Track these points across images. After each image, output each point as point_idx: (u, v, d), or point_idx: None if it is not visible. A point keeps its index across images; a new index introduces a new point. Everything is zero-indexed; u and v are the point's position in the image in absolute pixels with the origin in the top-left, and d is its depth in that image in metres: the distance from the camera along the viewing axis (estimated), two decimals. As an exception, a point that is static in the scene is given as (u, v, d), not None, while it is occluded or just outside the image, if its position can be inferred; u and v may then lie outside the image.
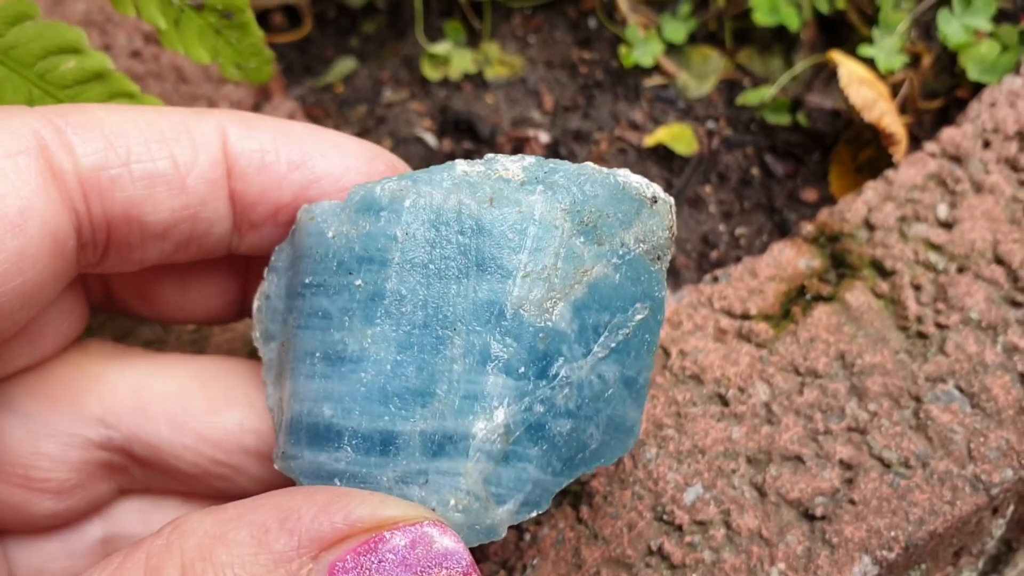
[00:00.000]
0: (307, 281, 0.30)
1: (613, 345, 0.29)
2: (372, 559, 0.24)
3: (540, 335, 0.28)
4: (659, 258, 0.31)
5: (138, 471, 0.33)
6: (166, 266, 0.34)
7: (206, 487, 0.34)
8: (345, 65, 0.66)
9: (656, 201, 0.30)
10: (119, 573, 0.24)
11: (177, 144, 0.30)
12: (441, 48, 0.63)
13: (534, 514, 0.29)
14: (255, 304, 0.33)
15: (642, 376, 0.31)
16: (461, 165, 0.29)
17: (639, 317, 0.30)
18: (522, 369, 0.28)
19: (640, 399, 0.31)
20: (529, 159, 0.29)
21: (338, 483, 0.28)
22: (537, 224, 0.28)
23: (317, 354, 0.29)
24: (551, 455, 0.29)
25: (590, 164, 0.29)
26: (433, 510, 0.27)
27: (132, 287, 0.35)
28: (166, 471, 0.33)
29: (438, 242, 0.28)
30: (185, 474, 0.33)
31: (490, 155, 0.29)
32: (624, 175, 0.30)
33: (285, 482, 0.32)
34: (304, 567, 0.24)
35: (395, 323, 0.28)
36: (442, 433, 0.27)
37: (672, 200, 0.31)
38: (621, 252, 0.29)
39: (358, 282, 0.29)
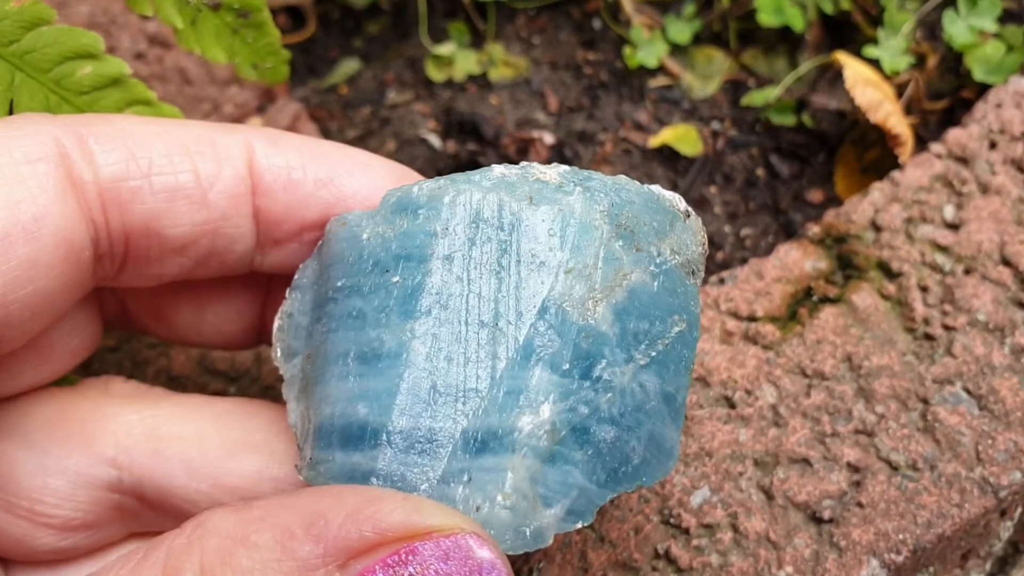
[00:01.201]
0: (339, 284, 0.29)
1: (653, 354, 0.29)
2: (402, 571, 0.23)
3: (583, 334, 0.27)
4: (693, 273, 0.30)
5: (149, 515, 0.32)
6: (183, 285, 0.34)
7: None
8: (349, 66, 0.66)
9: (689, 216, 0.30)
10: (138, 571, 0.23)
11: (201, 158, 0.30)
12: (445, 49, 0.63)
13: (579, 525, 0.28)
14: (276, 324, 0.32)
15: (680, 395, 0.30)
16: (498, 168, 0.29)
17: (676, 330, 0.29)
18: (566, 366, 0.27)
19: (678, 419, 0.30)
20: (563, 167, 0.29)
21: (375, 482, 0.27)
22: (577, 223, 0.28)
23: (351, 354, 0.28)
24: (596, 463, 0.28)
25: (623, 176, 0.29)
26: (478, 509, 0.26)
27: (148, 305, 0.35)
28: (178, 516, 0.32)
29: (478, 238, 0.28)
30: None
31: (524, 163, 0.29)
32: (657, 189, 0.30)
33: None
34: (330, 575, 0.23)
35: (435, 318, 0.27)
36: (485, 430, 0.26)
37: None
38: (658, 261, 0.29)
39: (395, 279, 0.28)
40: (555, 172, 0.29)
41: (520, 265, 0.28)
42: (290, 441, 0.32)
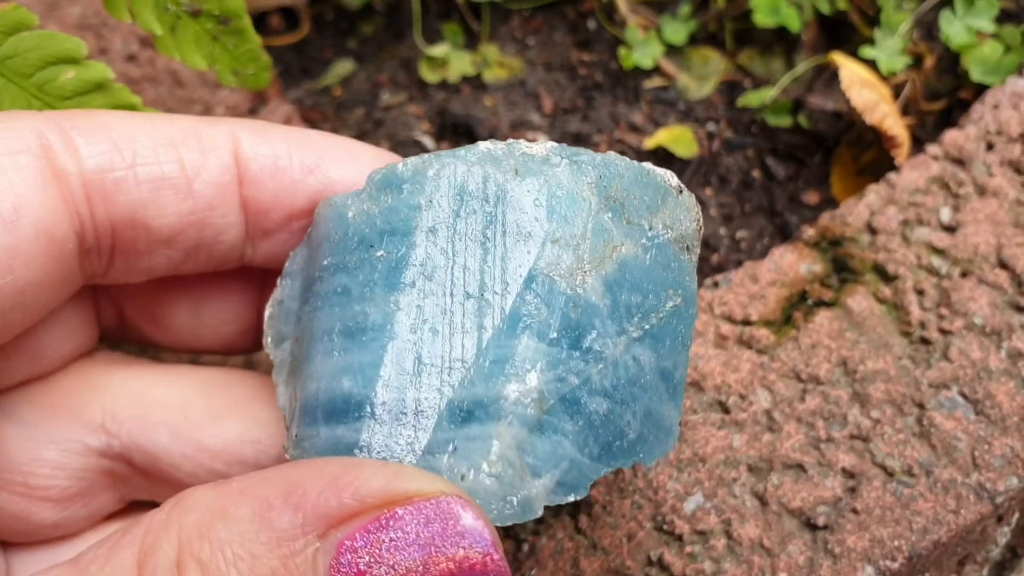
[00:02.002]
0: (325, 263, 0.29)
1: (647, 327, 0.28)
2: (383, 537, 0.22)
3: (571, 303, 0.27)
4: (688, 248, 0.30)
5: (139, 481, 0.33)
6: (179, 287, 0.34)
7: None
8: (343, 67, 0.66)
9: (682, 192, 0.30)
10: (115, 551, 0.23)
11: (186, 148, 0.29)
12: (439, 50, 0.63)
13: (571, 498, 0.27)
14: (267, 312, 0.32)
15: (678, 372, 0.30)
16: (484, 144, 0.29)
17: (671, 304, 0.29)
18: (554, 335, 0.27)
19: (677, 397, 0.30)
20: (552, 143, 0.29)
21: (359, 454, 0.27)
22: (564, 194, 0.28)
23: (336, 329, 0.28)
24: (588, 434, 0.27)
25: (613, 152, 0.29)
26: (463, 477, 0.25)
27: (144, 309, 0.35)
28: (166, 481, 0.32)
29: (463, 211, 0.28)
30: (184, 485, 0.32)
31: (511, 140, 0.29)
32: (648, 165, 0.29)
33: None
34: (309, 546, 0.22)
35: (419, 290, 0.27)
36: (471, 399, 0.26)
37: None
38: (650, 234, 0.29)
39: (380, 253, 0.28)
40: (543, 147, 0.29)
41: (506, 236, 0.27)
42: (271, 407, 0.33)
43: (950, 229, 0.45)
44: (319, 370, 0.28)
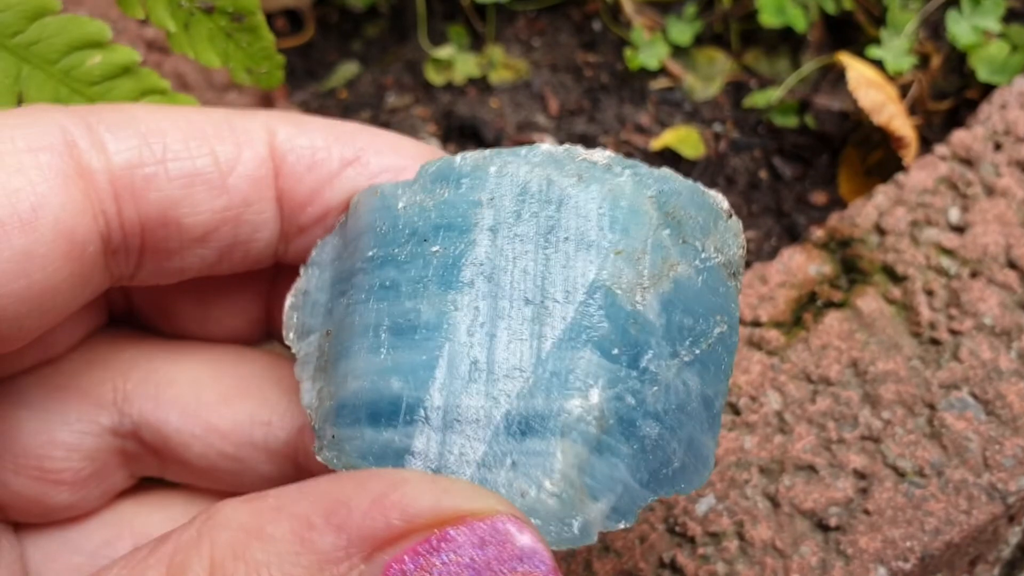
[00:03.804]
0: (369, 255, 0.27)
1: (697, 352, 0.27)
2: (434, 560, 0.20)
3: (631, 320, 0.26)
4: (734, 275, 0.29)
5: (150, 459, 0.32)
6: (187, 279, 0.33)
7: (216, 481, 0.33)
8: (348, 69, 0.66)
9: (732, 216, 0.29)
10: (141, 571, 0.22)
11: (219, 141, 0.28)
12: (444, 52, 0.63)
13: (621, 525, 0.26)
14: (288, 301, 0.30)
15: (718, 401, 0.28)
16: (544, 146, 0.28)
17: (718, 331, 0.28)
18: (615, 351, 0.25)
19: (715, 428, 0.28)
20: (609, 152, 0.28)
21: (412, 461, 0.25)
22: (627, 205, 0.26)
23: (384, 326, 0.26)
24: (640, 459, 0.26)
25: (667, 168, 0.28)
26: (523, 495, 0.24)
27: (151, 299, 0.34)
28: (175, 460, 0.32)
29: (524, 212, 0.26)
30: (194, 466, 0.32)
31: (568, 144, 0.28)
32: (700, 186, 0.28)
33: (292, 478, 0.30)
34: (354, 569, 0.21)
35: (477, 291, 0.26)
36: (530, 411, 0.25)
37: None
38: (703, 256, 0.27)
39: (435, 248, 0.26)
40: (602, 155, 0.28)
41: (568, 243, 0.26)
42: (282, 388, 0.32)
43: (959, 229, 0.45)
44: (362, 367, 0.26)
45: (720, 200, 0.29)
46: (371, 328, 0.26)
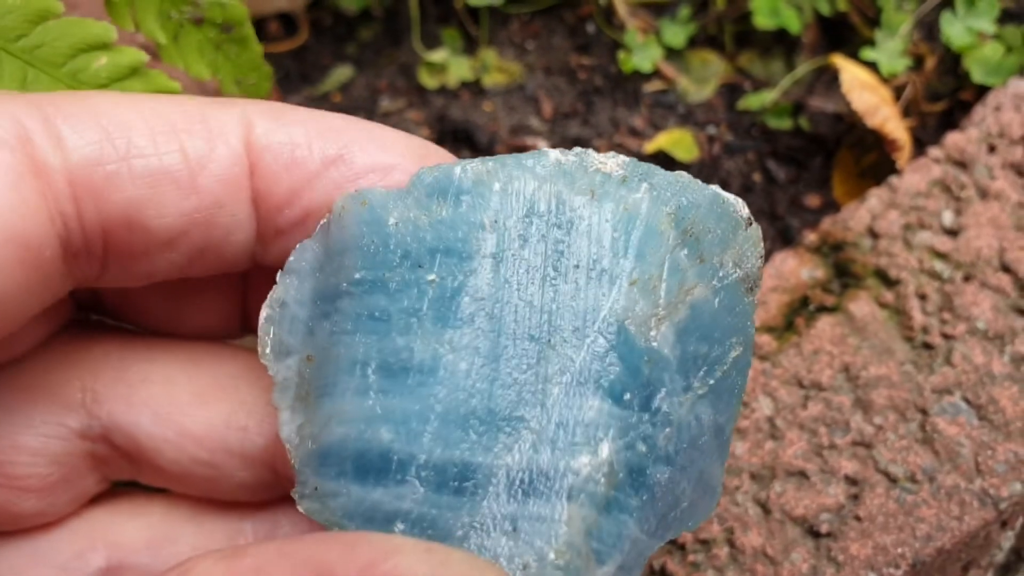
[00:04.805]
0: (357, 277, 0.25)
1: (711, 383, 0.25)
2: None
3: (645, 357, 0.24)
4: (751, 289, 0.27)
5: (122, 463, 0.30)
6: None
7: (192, 487, 0.31)
8: (342, 73, 0.66)
9: (751, 224, 0.27)
10: None
11: (189, 136, 0.26)
12: (438, 56, 0.63)
13: None
14: (264, 313, 0.27)
15: (729, 427, 0.27)
16: (553, 153, 0.25)
17: (734, 354, 0.26)
18: (628, 396, 0.23)
19: (724, 453, 0.27)
20: (623, 157, 0.26)
21: (400, 527, 0.23)
22: (643, 226, 0.24)
23: (372, 364, 0.24)
24: (649, 508, 0.24)
25: (684, 172, 0.26)
26: (525, 567, 0.22)
27: (118, 294, 0.32)
28: (148, 464, 0.30)
29: (531, 236, 0.24)
30: (167, 472, 0.30)
31: (579, 148, 0.26)
32: (719, 190, 0.26)
33: (271, 485, 0.29)
34: None
35: (477, 328, 0.24)
36: (534, 469, 0.23)
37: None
38: (720, 274, 0.25)
39: (431, 277, 0.24)
40: (615, 162, 0.25)
41: (579, 271, 0.24)
42: (259, 389, 0.30)
43: (952, 233, 0.45)
44: (349, 411, 0.24)
45: (740, 207, 0.26)
46: (358, 365, 0.24)
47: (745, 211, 0.26)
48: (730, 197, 0.26)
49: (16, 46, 0.31)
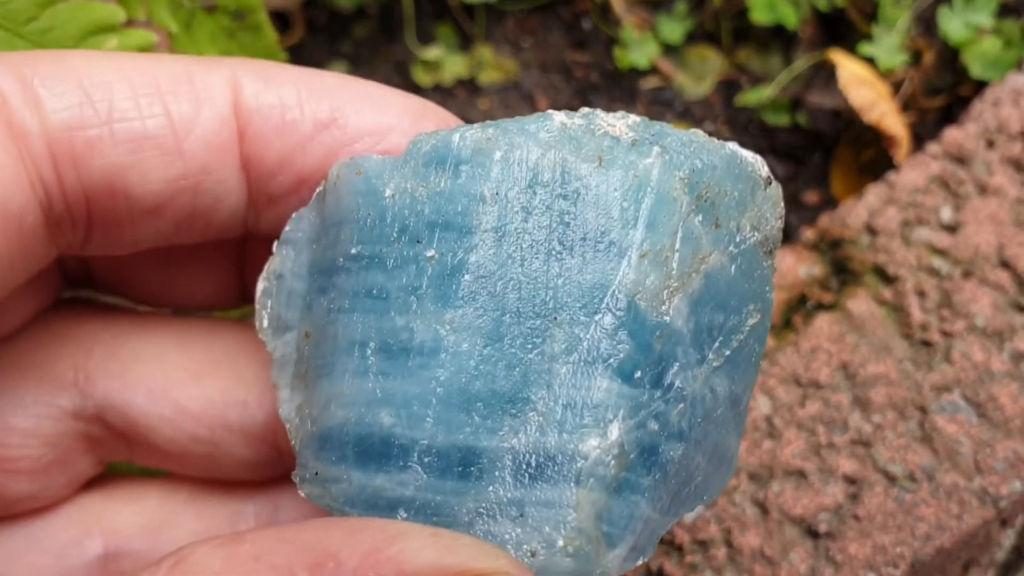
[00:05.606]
0: (354, 252, 0.24)
1: (727, 353, 0.24)
2: None
3: (657, 332, 0.22)
4: (770, 252, 0.26)
5: (117, 443, 0.29)
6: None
7: (190, 467, 0.30)
8: (337, 70, 0.65)
9: (771, 183, 0.25)
10: None
11: (174, 98, 0.24)
12: (433, 53, 0.63)
13: (639, 563, 0.24)
14: (260, 286, 0.26)
15: (746, 396, 0.26)
16: (558, 116, 0.24)
17: (751, 321, 0.25)
18: (638, 374, 0.22)
19: (741, 423, 0.26)
20: (633, 117, 0.24)
21: (403, 514, 0.22)
22: (654, 193, 0.23)
23: (371, 345, 0.23)
24: (661, 487, 0.23)
25: (699, 131, 0.24)
26: (534, 555, 0.21)
27: (109, 264, 0.31)
28: (145, 445, 0.29)
29: (534, 208, 0.23)
30: (165, 451, 0.29)
31: (587, 109, 0.24)
32: (736, 147, 0.25)
33: (272, 462, 0.29)
34: None
35: (480, 307, 0.23)
36: (541, 452, 0.22)
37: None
38: (737, 239, 0.24)
39: (430, 253, 0.23)
40: (624, 124, 0.24)
41: (585, 244, 0.23)
42: (258, 363, 0.29)
43: (951, 229, 0.45)
44: (349, 393, 0.23)
45: (759, 166, 0.25)
46: (356, 345, 0.23)
47: (764, 170, 0.25)
48: (748, 155, 0.25)
49: (26, 29, 0.31)
